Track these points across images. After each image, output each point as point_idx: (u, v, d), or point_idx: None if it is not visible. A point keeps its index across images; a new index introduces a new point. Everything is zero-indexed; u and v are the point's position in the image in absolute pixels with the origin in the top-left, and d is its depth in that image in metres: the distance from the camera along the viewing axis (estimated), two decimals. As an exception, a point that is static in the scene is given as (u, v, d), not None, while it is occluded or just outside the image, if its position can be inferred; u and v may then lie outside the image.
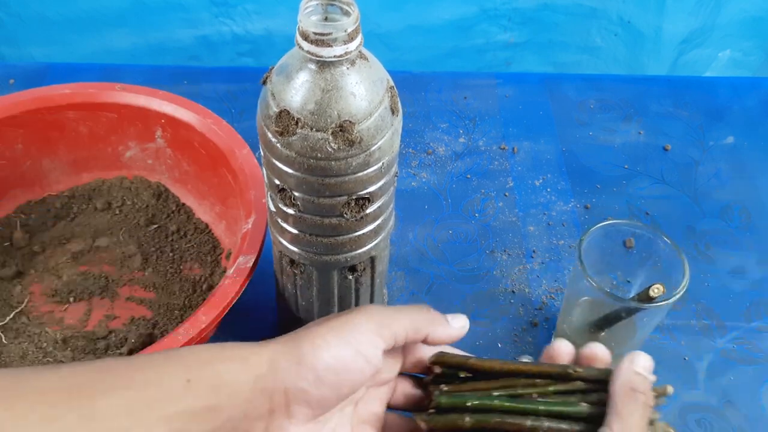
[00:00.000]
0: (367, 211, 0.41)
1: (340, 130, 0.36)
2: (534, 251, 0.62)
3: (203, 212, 0.61)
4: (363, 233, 0.42)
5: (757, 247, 0.63)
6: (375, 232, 0.43)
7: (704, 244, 0.63)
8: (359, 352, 0.37)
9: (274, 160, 0.39)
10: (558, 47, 1.03)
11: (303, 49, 0.35)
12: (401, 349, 0.42)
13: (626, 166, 0.70)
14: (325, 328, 0.37)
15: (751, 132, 0.74)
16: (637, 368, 0.37)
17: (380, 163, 0.39)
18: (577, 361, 0.40)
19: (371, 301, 0.49)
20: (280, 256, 0.46)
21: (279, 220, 0.43)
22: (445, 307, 0.58)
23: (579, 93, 0.78)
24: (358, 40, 0.35)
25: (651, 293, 0.44)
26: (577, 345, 0.50)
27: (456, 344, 0.41)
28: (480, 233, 0.63)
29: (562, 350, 0.40)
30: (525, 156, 0.70)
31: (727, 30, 0.98)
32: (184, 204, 0.62)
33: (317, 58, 0.35)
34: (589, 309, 0.50)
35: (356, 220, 0.41)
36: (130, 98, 0.59)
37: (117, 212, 0.61)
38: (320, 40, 0.34)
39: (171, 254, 0.59)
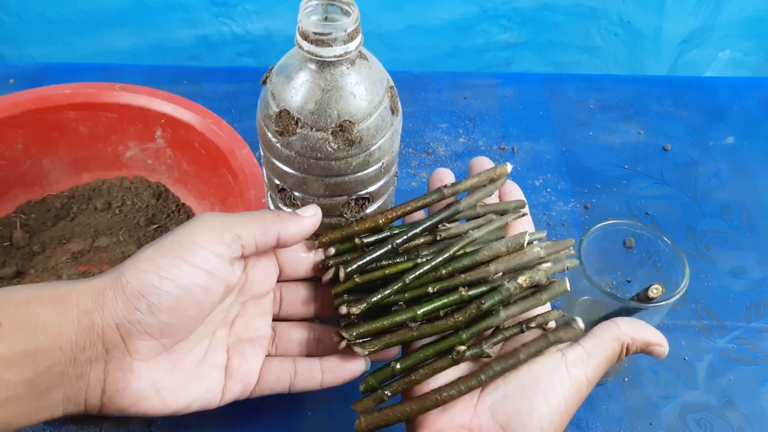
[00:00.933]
0: (367, 210, 0.41)
1: (340, 130, 0.36)
2: (534, 251, 0.62)
3: (203, 212, 0.61)
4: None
5: (757, 247, 0.63)
6: None
7: (704, 244, 0.63)
8: (197, 267, 0.33)
9: (274, 160, 0.39)
10: (558, 47, 1.03)
11: (303, 49, 0.35)
12: (272, 255, 0.39)
13: (626, 166, 0.70)
14: (153, 249, 0.34)
15: (751, 132, 0.74)
16: (650, 349, 0.38)
17: (380, 163, 0.39)
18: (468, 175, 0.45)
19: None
20: None
21: None
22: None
23: (579, 93, 0.78)
24: (358, 40, 0.35)
25: (650, 293, 0.44)
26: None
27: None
28: (480, 233, 0.63)
29: (444, 174, 0.44)
30: (525, 156, 0.70)
31: (727, 30, 0.98)
32: (184, 204, 0.62)
33: (317, 58, 0.35)
34: (589, 309, 0.50)
35: (356, 220, 0.41)
36: (130, 98, 0.59)
37: (117, 212, 0.61)
38: (320, 40, 0.34)
39: None
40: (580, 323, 0.39)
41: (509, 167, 0.44)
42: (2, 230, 0.59)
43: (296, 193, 0.40)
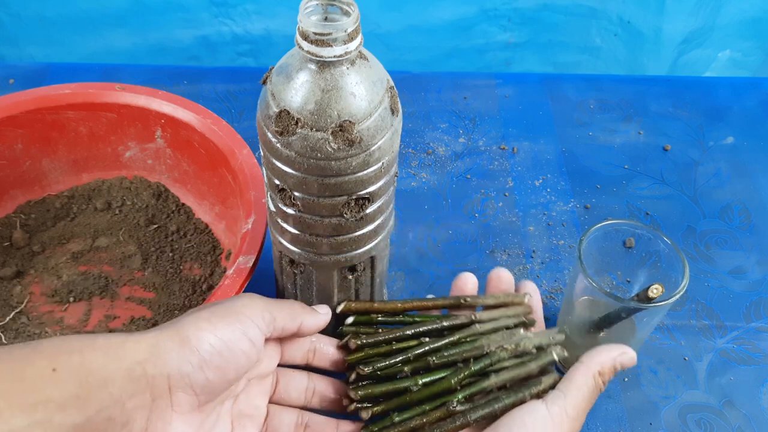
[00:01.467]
0: (367, 211, 0.41)
1: (340, 130, 0.36)
2: (534, 251, 0.62)
3: (203, 212, 0.61)
4: (363, 233, 0.42)
5: (757, 247, 0.63)
6: (375, 232, 0.43)
7: (704, 244, 0.63)
8: (244, 334, 0.37)
9: (274, 160, 0.39)
10: (558, 47, 1.03)
11: (303, 49, 0.35)
12: (279, 341, 0.43)
13: (626, 166, 0.70)
14: (208, 312, 0.37)
15: (751, 132, 0.74)
16: (618, 363, 0.41)
17: (380, 163, 0.39)
18: (486, 287, 0.49)
19: (371, 299, 0.49)
20: (280, 256, 0.46)
21: (279, 220, 0.43)
22: (445, 307, 0.58)
23: (579, 93, 0.78)
24: (358, 40, 0.35)
25: (650, 293, 0.44)
26: (578, 345, 0.50)
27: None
28: (480, 233, 0.63)
29: (467, 281, 0.49)
30: (525, 156, 0.70)
31: (727, 30, 0.98)
32: (183, 204, 0.62)
33: (317, 58, 0.35)
34: (589, 309, 0.50)
35: (356, 220, 0.41)
36: (130, 98, 0.59)
37: (117, 212, 0.61)
38: (320, 40, 0.34)
39: (171, 254, 0.59)
40: (554, 376, 0.43)
41: (526, 299, 0.48)
42: (2, 230, 0.59)
43: (296, 193, 0.40)
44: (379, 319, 0.47)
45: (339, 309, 0.47)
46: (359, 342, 0.45)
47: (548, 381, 0.43)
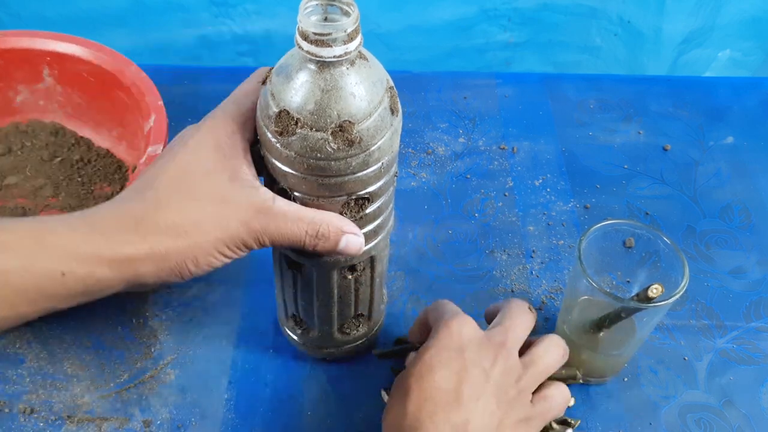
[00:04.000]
0: (367, 211, 0.41)
1: (340, 131, 0.36)
2: (534, 251, 0.62)
3: (102, 140, 0.65)
4: (362, 233, 0.42)
5: (757, 247, 0.63)
6: (374, 232, 0.43)
7: (704, 244, 0.63)
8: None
9: (274, 160, 0.39)
10: (558, 47, 1.03)
11: (303, 49, 0.35)
12: None
13: (626, 166, 0.70)
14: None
15: (751, 132, 0.74)
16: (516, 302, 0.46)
17: (380, 163, 0.39)
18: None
19: (371, 300, 0.49)
20: (279, 256, 0.46)
21: None
22: (445, 307, 0.58)
23: (579, 93, 0.78)
24: (358, 40, 0.35)
25: (650, 293, 0.44)
26: (577, 345, 0.50)
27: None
28: (480, 233, 0.63)
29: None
30: (525, 156, 0.70)
31: (727, 30, 0.98)
32: (82, 137, 0.65)
33: (317, 59, 0.35)
34: (589, 309, 0.50)
35: (356, 220, 0.41)
36: (13, 42, 0.61)
37: (19, 153, 0.64)
38: (320, 41, 0.34)
39: (79, 179, 0.62)
40: None
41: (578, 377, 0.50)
42: None
43: (296, 193, 0.40)
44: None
45: (375, 353, 0.52)
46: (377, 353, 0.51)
47: None
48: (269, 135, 0.38)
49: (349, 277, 0.46)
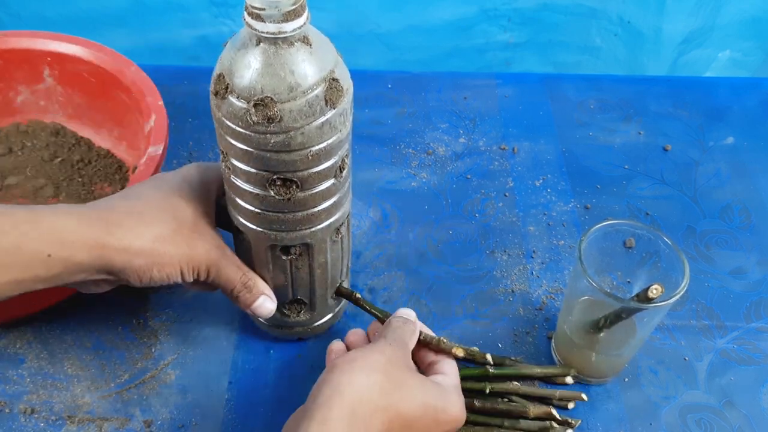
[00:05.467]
0: (297, 195, 0.42)
1: (262, 105, 0.37)
2: (534, 251, 0.62)
3: (103, 140, 0.65)
4: (292, 217, 0.43)
5: (757, 247, 0.63)
6: (308, 220, 0.44)
7: (704, 244, 0.63)
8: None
9: (215, 121, 0.40)
10: (558, 47, 1.03)
11: (245, 21, 0.36)
12: None
13: (626, 167, 0.70)
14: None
15: (751, 132, 0.74)
16: (397, 315, 0.48)
17: (306, 150, 0.39)
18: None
19: (310, 289, 0.50)
20: (235, 225, 0.48)
21: (227, 184, 0.44)
22: (445, 307, 0.58)
23: (579, 93, 0.78)
24: (297, 22, 0.36)
25: (650, 294, 0.44)
26: (578, 345, 0.51)
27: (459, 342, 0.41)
28: (480, 233, 0.63)
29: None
30: (525, 156, 0.70)
31: (727, 30, 0.98)
32: (82, 137, 0.65)
33: (253, 32, 0.36)
34: (589, 309, 0.50)
35: (282, 201, 0.42)
36: (13, 42, 0.60)
37: (19, 154, 0.64)
38: (256, 14, 0.36)
39: (80, 180, 0.62)
40: None
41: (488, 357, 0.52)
42: None
43: (232, 160, 0.41)
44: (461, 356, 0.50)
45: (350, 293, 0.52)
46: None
47: None
48: (211, 94, 0.40)
49: (283, 257, 0.46)
